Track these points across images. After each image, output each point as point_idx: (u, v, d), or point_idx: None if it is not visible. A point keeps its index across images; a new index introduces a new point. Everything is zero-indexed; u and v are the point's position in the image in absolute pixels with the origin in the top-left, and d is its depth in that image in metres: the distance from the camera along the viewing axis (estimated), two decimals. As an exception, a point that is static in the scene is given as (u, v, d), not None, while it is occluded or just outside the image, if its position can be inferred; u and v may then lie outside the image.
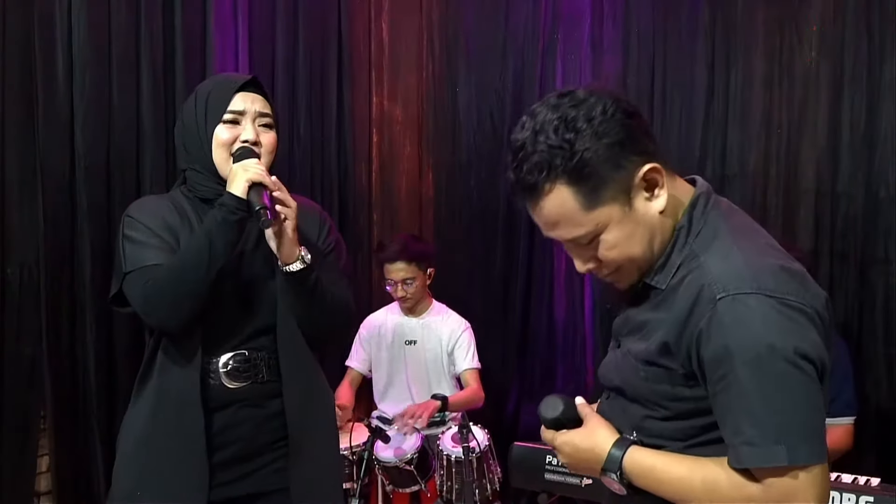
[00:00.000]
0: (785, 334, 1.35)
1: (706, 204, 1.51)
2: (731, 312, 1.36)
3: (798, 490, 1.35)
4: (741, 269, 1.40)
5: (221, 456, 2.11)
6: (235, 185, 1.99)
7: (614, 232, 1.46)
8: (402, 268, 3.85)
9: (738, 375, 1.35)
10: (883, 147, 3.74)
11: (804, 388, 1.35)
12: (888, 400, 3.74)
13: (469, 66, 4.61)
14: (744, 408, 1.36)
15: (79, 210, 3.50)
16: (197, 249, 1.99)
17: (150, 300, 2.00)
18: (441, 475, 3.49)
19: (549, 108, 1.46)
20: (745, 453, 1.36)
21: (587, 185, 1.42)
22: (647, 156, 1.44)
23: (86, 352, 3.51)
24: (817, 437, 1.36)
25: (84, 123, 3.48)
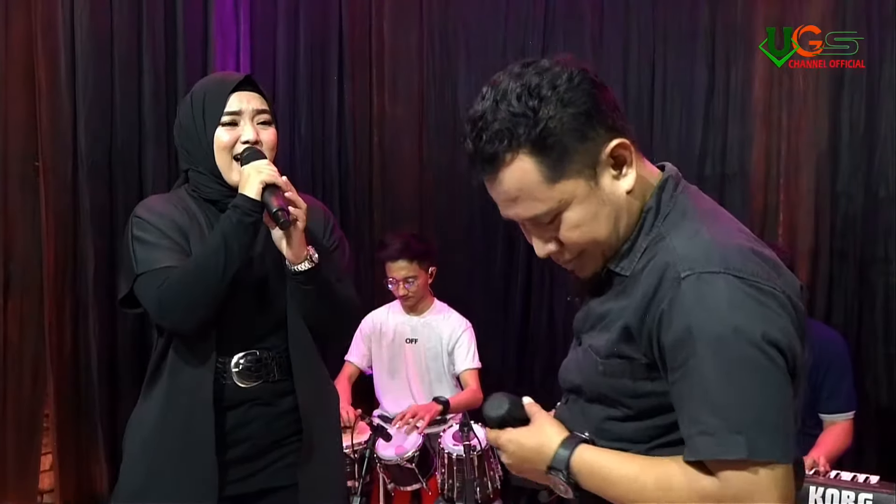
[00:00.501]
0: (752, 318, 1.24)
1: (675, 187, 1.42)
2: (695, 292, 1.27)
3: (757, 488, 1.23)
4: (709, 248, 1.31)
5: (232, 454, 2.12)
6: (249, 187, 1.99)
7: (578, 210, 1.36)
8: (403, 266, 3.86)
9: (698, 360, 1.24)
10: (882, 147, 3.76)
11: (771, 378, 1.23)
12: (888, 398, 3.76)
13: (469, 66, 4.61)
14: (703, 395, 1.25)
15: (81, 210, 3.51)
16: (213, 253, 1.99)
17: (165, 303, 2.00)
18: (442, 473, 3.50)
19: (511, 76, 1.36)
20: (702, 444, 1.25)
21: (551, 155, 1.32)
22: (615, 131, 1.35)
23: (89, 351, 3.53)
24: (782, 433, 1.24)
25: (86, 123, 3.50)
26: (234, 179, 2.08)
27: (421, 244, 3.91)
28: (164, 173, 3.68)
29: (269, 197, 1.99)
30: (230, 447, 2.12)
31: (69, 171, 3.48)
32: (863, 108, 3.79)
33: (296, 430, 2.19)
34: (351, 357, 4.06)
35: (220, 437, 2.08)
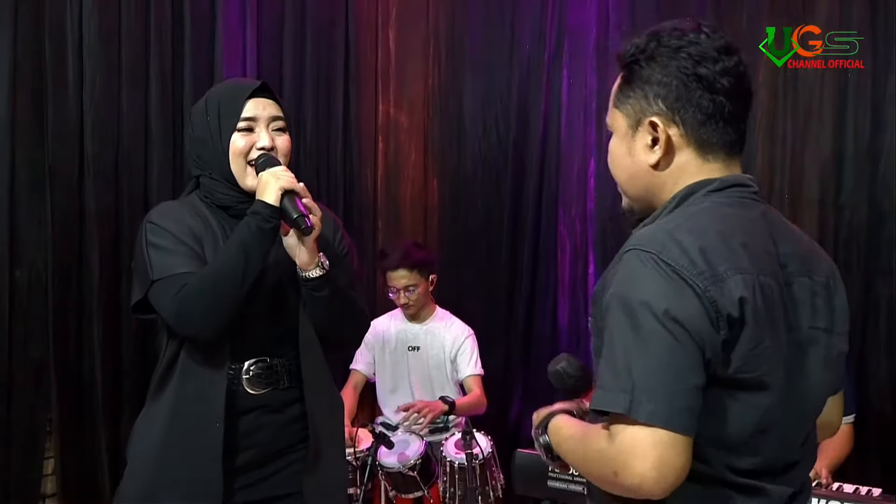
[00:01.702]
0: (663, 295, 1.32)
1: (716, 191, 1.46)
2: (626, 266, 1.38)
3: (637, 447, 1.30)
4: (657, 234, 1.39)
5: (240, 461, 2.12)
6: (268, 193, 1.99)
7: (615, 142, 1.54)
8: (404, 275, 3.87)
9: (612, 324, 1.36)
10: (887, 158, 3.76)
11: (669, 350, 1.31)
12: (891, 410, 3.75)
13: (475, 75, 4.63)
14: (608, 355, 1.36)
15: (87, 215, 3.52)
16: (233, 259, 1.98)
17: (184, 310, 1.98)
18: (444, 481, 3.50)
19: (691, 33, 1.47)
20: (596, 396, 1.37)
21: (627, 84, 1.49)
22: (669, 115, 1.44)
23: (92, 356, 3.53)
24: (666, 400, 1.30)
25: (93, 129, 3.51)
26: (249, 185, 2.09)
27: (421, 252, 3.92)
28: (170, 179, 3.69)
29: (288, 203, 1.99)
30: (238, 454, 2.12)
31: (75, 177, 3.49)
32: (867, 120, 3.79)
33: (302, 438, 2.19)
34: (357, 366, 4.07)
35: (228, 444, 2.08)
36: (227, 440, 2.07)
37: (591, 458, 1.42)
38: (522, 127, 4.52)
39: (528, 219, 4.50)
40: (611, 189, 4.25)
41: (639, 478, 1.30)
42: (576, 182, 4.42)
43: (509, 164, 4.56)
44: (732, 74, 1.44)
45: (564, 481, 3.38)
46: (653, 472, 1.30)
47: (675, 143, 1.46)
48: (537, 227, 4.49)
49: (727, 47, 1.45)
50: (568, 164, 4.43)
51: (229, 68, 3.93)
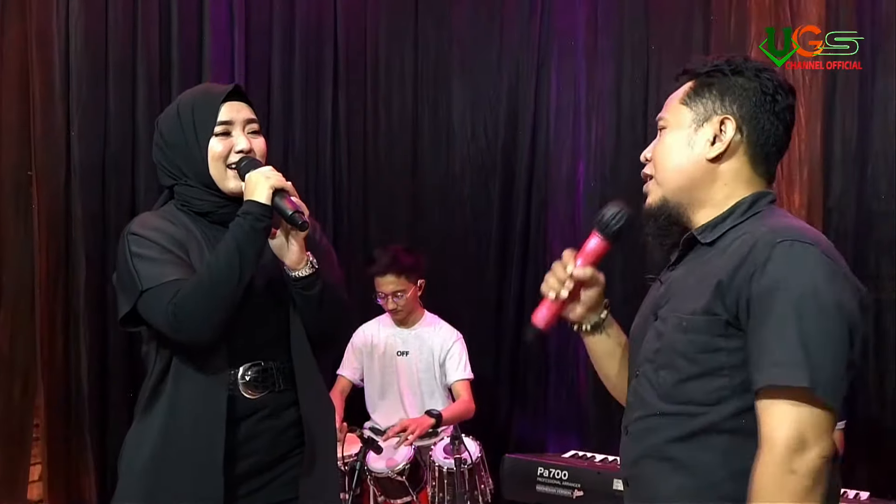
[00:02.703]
0: (833, 286, 1.42)
1: (773, 201, 1.62)
2: (788, 254, 1.44)
3: (813, 434, 1.38)
4: (801, 229, 1.50)
5: (240, 469, 2.10)
6: (258, 192, 1.97)
7: (672, 134, 1.64)
8: (392, 281, 3.85)
9: (781, 308, 1.42)
10: (874, 162, 3.78)
11: (838, 336, 1.41)
12: (878, 414, 3.77)
13: (463, 81, 4.63)
14: (779, 336, 1.41)
15: (74, 218, 3.51)
16: (227, 261, 1.96)
17: (181, 315, 1.95)
18: (433, 486, 3.50)
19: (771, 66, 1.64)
20: (773, 371, 1.40)
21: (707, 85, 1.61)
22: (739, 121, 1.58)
23: (79, 361, 3.52)
24: (838, 383, 1.40)
25: (80, 132, 3.50)
26: (231, 188, 2.08)
27: (409, 258, 3.90)
28: (156, 184, 3.67)
29: (280, 201, 1.98)
30: (238, 461, 2.09)
31: (62, 180, 3.48)
32: (855, 124, 3.81)
33: (298, 444, 2.17)
34: (343, 371, 4.05)
35: (228, 452, 2.05)
36: (227, 447, 2.04)
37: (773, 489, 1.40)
38: (511, 130, 4.52)
39: (517, 222, 4.50)
40: (599, 193, 4.30)
41: (819, 453, 1.39)
42: (565, 186, 4.42)
43: (498, 167, 4.56)
44: (791, 113, 1.61)
45: (553, 485, 3.38)
46: (821, 460, 1.39)
47: (735, 148, 1.59)
48: (526, 231, 4.49)
49: (792, 89, 1.62)
50: (556, 167, 4.44)
51: (217, 71, 3.91)
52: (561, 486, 3.35)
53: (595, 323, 1.81)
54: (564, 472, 3.36)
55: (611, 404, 4.12)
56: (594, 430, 4.25)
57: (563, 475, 3.36)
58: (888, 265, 3.77)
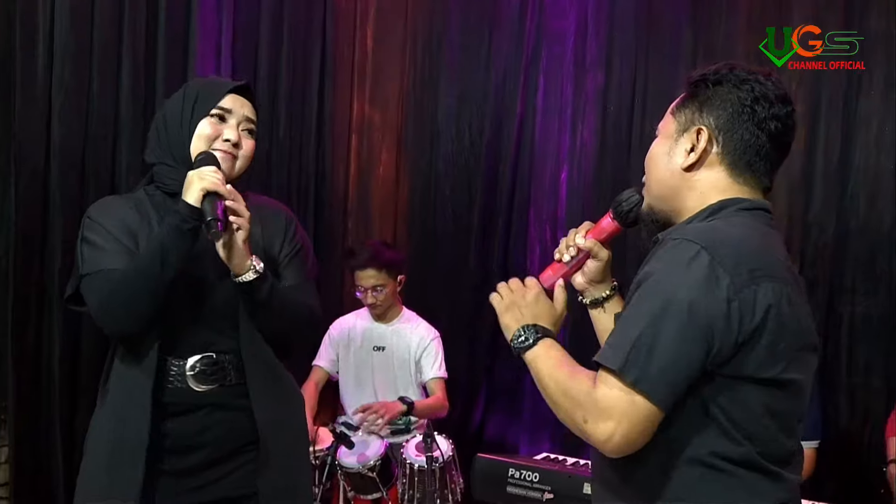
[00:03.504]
0: (693, 287, 1.43)
1: (747, 210, 1.59)
2: (670, 251, 1.49)
3: (615, 406, 1.43)
4: (708, 230, 1.52)
5: (189, 461, 2.09)
6: (190, 193, 1.96)
7: (658, 142, 1.68)
8: (372, 275, 3.85)
9: (642, 297, 1.48)
10: (855, 178, 3.80)
11: (678, 333, 1.42)
12: (848, 427, 3.80)
13: (451, 76, 4.63)
14: (625, 320, 1.49)
15: (52, 202, 3.47)
16: (150, 256, 1.97)
17: (105, 306, 2.00)
18: (403, 483, 3.49)
19: (760, 75, 1.62)
20: (602, 350, 1.49)
21: (691, 97, 1.64)
22: (715, 132, 1.59)
23: (52, 344, 3.48)
24: (656, 373, 1.42)
25: (61, 114, 3.45)
26: None
27: (389, 253, 3.90)
28: (137, 169, 3.63)
29: (208, 205, 1.95)
30: (189, 454, 2.09)
31: (41, 163, 3.44)
32: (838, 139, 3.83)
33: (255, 438, 2.15)
34: (319, 362, 4.04)
35: (177, 444, 2.06)
36: (176, 440, 2.06)
37: (568, 394, 1.51)
38: (496, 130, 4.52)
39: (499, 223, 4.50)
40: (582, 196, 4.30)
41: (605, 435, 1.44)
42: (548, 188, 4.42)
43: (481, 166, 4.56)
44: (781, 121, 1.59)
45: (524, 487, 3.38)
46: (619, 437, 1.43)
47: (710, 158, 1.61)
48: (507, 232, 4.49)
49: (785, 98, 1.61)
50: (540, 169, 4.44)
51: (203, 60, 3.88)
52: (531, 488, 3.35)
53: (596, 298, 1.90)
54: (535, 475, 3.37)
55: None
56: (567, 434, 4.23)
57: (534, 477, 3.37)
58: (863, 281, 3.80)
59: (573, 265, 1.86)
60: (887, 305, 3.77)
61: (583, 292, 1.91)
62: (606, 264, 1.86)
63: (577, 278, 1.88)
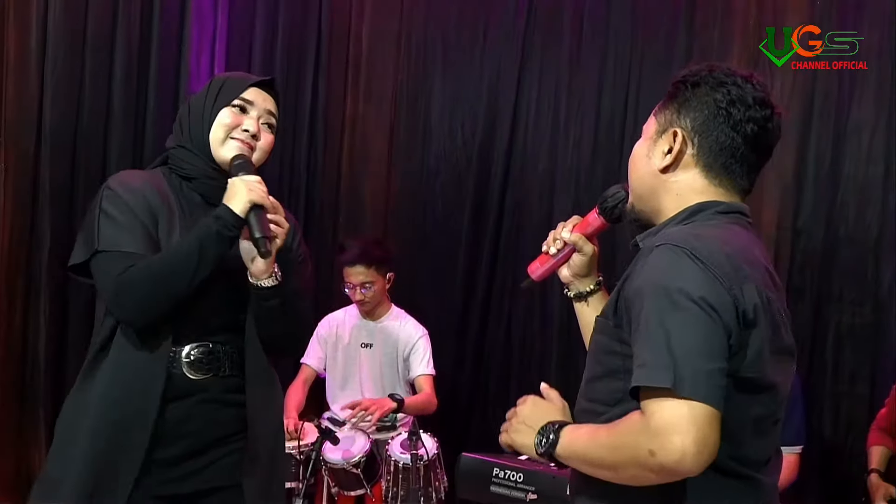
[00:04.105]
0: (697, 283, 1.43)
1: (723, 213, 1.59)
2: (657, 257, 1.49)
3: (678, 422, 1.37)
4: (686, 234, 1.52)
5: (173, 450, 2.06)
6: (236, 201, 1.96)
7: (640, 143, 1.69)
8: (361, 271, 3.84)
9: (647, 309, 1.44)
10: (845, 186, 3.82)
11: (704, 330, 1.41)
12: (832, 435, 3.81)
13: (444, 76, 4.62)
14: (646, 336, 1.44)
15: (41, 189, 3.46)
16: (185, 257, 1.94)
17: (123, 294, 1.94)
18: (387, 480, 3.49)
19: (739, 77, 1.60)
20: (638, 374, 1.43)
21: (671, 98, 1.64)
22: (690, 134, 1.59)
23: (38, 334, 3.47)
24: (705, 378, 1.39)
25: (53, 102, 3.45)
26: (223, 156, 2.07)
27: (379, 250, 3.90)
28: (129, 157, 3.63)
29: (254, 218, 1.96)
30: (172, 443, 2.05)
31: (32, 149, 3.42)
32: (829, 147, 3.85)
33: (238, 430, 2.14)
34: (308, 360, 4.03)
35: (160, 432, 2.02)
36: (160, 427, 2.02)
37: (622, 446, 1.44)
38: (489, 130, 4.52)
39: (490, 222, 4.49)
40: (573, 197, 4.30)
41: (679, 453, 1.37)
42: (539, 189, 4.42)
43: (473, 165, 4.55)
44: (758, 124, 1.58)
45: (507, 487, 3.38)
46: (692, 448, 1.37)
47: (686, 159, 1.61)
48: (498, 232, 4.49)
49: (764, 101, 1.59)
50: (533, 169, 4.44)
51: (198, 52, 3.88)
52: (515, 488, 3.35)
53: (580, 292, 1.91)
54: (520, 475, 3.37)
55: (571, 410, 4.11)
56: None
57: (518, 477, 3.37)
58: (850, 290, 3.81)
59: (560, 258, 1.88)
60: (873, 315, 3.78)
61: (568, 285, 1.92)
62: (592, 259, 1.88)
63: (563, 271, 1.90)
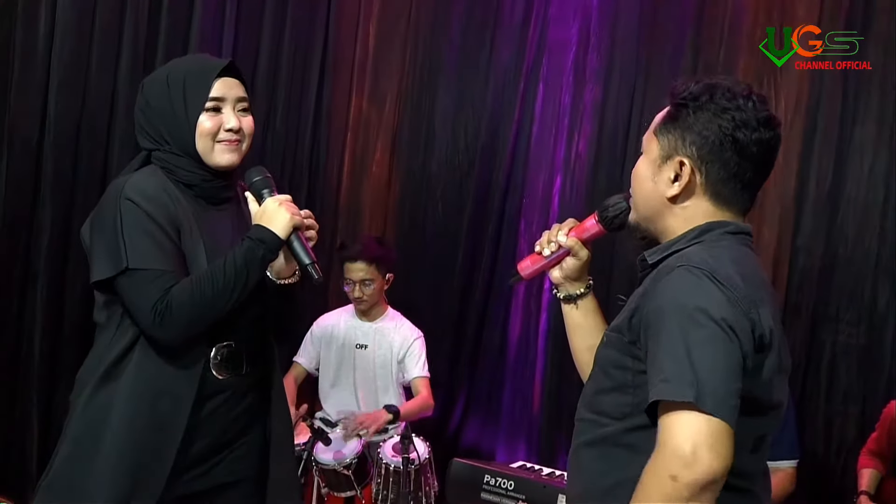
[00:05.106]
0: (716, 304, 1.47)
1: (732, 234, 1.62)
2: (678, 278, 1.51)
3: (698, 438, 1.41)
4: (705, 255, 1.54)
5: (196, 448, 2.07)
6: (278, 225, 1.99)
7: (644, 162, 1.68)
8: (362, 268, 3.85)
9: (668, 327, 1.48)
10: (846, 206, 3.82)
11: (724, 349, 1.45)
12: (824, 453, 3.81)
13: (450, 79, 4.62)
14: (668, 353, 1.47)
15: (43, 177, 3.45)
16: (234, 279, 1.97)
17: (167, 319, 1.93)
18: (378, 483, 3.48)
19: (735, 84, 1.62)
20: (661, 387, 1.46)
21: (672, 120, 1.62)
22: (698, 163, 1.59)
23: (34, 321, 3.46)
24: (725, 396, 1.43)
25: (58, 90, 3.44)
26: (217, 162, 2.07)
27: (381, 248, 3.91)
28: (131, 150, 3.61)
29: (297, 243, 2.01)
30: (195, 442, 2.06)
31: (35, 137, 3.42)
32: (830, 166, 3.85)
33: (249, 426, 2.17)
34: (300, 358, 4.03)
35: (189, 432, 2.02)
36: (189, 427, 2.02)
37: (651, 488, 1.45)
38: (492, 136, 4.52)
39: (489, 229, 4.49)
40: (574, 206, 4.30)
41: (708, 466, 1.41)
42: (540, 197, 4.42)
43: (474, 171, 4.55)
44: (764, 146, 1.60)
45: (498, 494, 3.38)
46: (717, 462, 1.42)
47: (694, 187, 1.62)
48: (497, 238, 4.49)
49: (768, 120, 1.60)
50: (534, 178, 4.44)
51: (204, 45, 3.87)
52: (506, 495, 3.35)
53: (570, 294, 1.92)
54: (511, 482, 3.37)
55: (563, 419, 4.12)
56: (544, 444, 4.26)
57: (509, 485, 3.37)
58: (847, 310, 3.81)
59: (552, 259, 1.89)
60: (869, 336, 3.78)
61: (558, 286, 1.93)
62: (585, 263, 1.89)
63: (555, 272, 1.91)
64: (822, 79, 3.85)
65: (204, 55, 2.37)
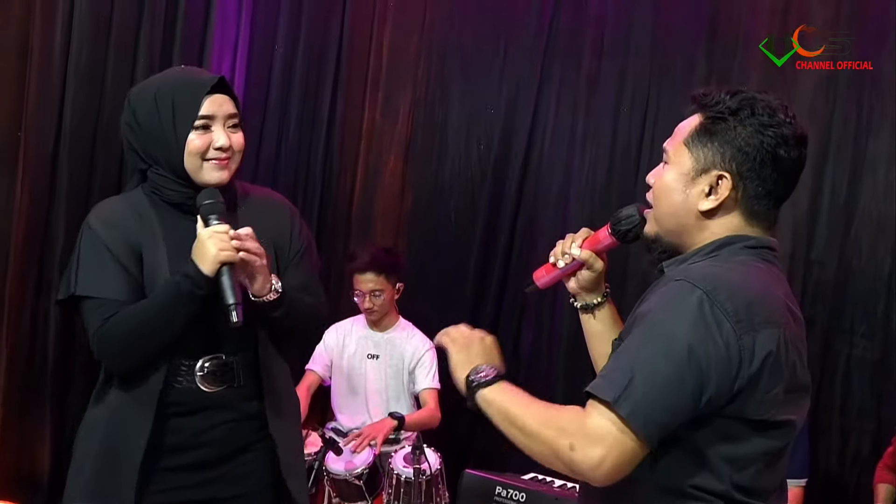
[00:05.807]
0: (696, 332, 1.43)
1: (752, 248, 1.58)
2: (673, 290, 1.49)
3: (606, 436, 1.42)
4: (710, 274, 1.51)
5: (190, 458, 2.08)
6: (205, 261, 1.93)
7: (672, 174, 1.61)
8: (371, 279, 3.84)
9: (639, 333, 1.48)
10: (860, 219, 3.80)
11: (674, 374, 1.42)
12: (837, 468, 3.79)
13: (463, 90, 4.63)
14: (622, 353, 1.49)
15: (58, 186, 3.47)
16: (158, 314, 1.97)
17: (103, 346, 1.99)
18: (389, 494, 3.48)
19: (775, 102, 1.57)
20: (595, 382, 1.48)
21: (706, 133, 1.57)
22: (737, 178, 1.55)
23: (47, 330, 3.48)
24: (648, 410, 1.42)
25: (74, 101, 3.47)
26: (205, 180, 2.03)
27: (390, 258, 3.90)
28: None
29: (225, 280, 1.93)
30: (188, 451, 2.07)
31: (50, 148, 3.44)
32: (845, 179, 3.84)
33: (258, 438, 2.16)
34: (313, 366, 4.03)
35: (178, 443, 2.05)
36: (175, 439, 2.05)
37: (552, 423, 1.49)
38: (505, 147, 4.52)
39: (501, 240, 4.49)
40: (587, 218, 4.30)
41: (595, 461, 1.42)
42: (553, 208, 4.41)
43: (487, 182, 4.55)
44: (798, 164, 1.58)
45: (510, 504, 3.37)
46: (608, 465, 1.42)
47: (728, 202, 1.57)
48: (509, 249, 4.48)
49: (801, 137, 1.57)
50: (546, 189, 4.43)
51: (219, 57, 3.90)
52: (518, 505, 3.34)
53: (587, 304, 1.90)
54: (522, 494, 3.35)
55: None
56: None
57: (520, 497, 3.35)
58: (861, 323, 3.80)
59: (566, 270, 1.87)
60: (883, 349, 3.76)
61: (575, 296, 1.92)
62: (601, 274, 1.87)
63: (571, 283, 1.89)
64: (837, 93, 3.84)
65: (193, 69, 2.33)
